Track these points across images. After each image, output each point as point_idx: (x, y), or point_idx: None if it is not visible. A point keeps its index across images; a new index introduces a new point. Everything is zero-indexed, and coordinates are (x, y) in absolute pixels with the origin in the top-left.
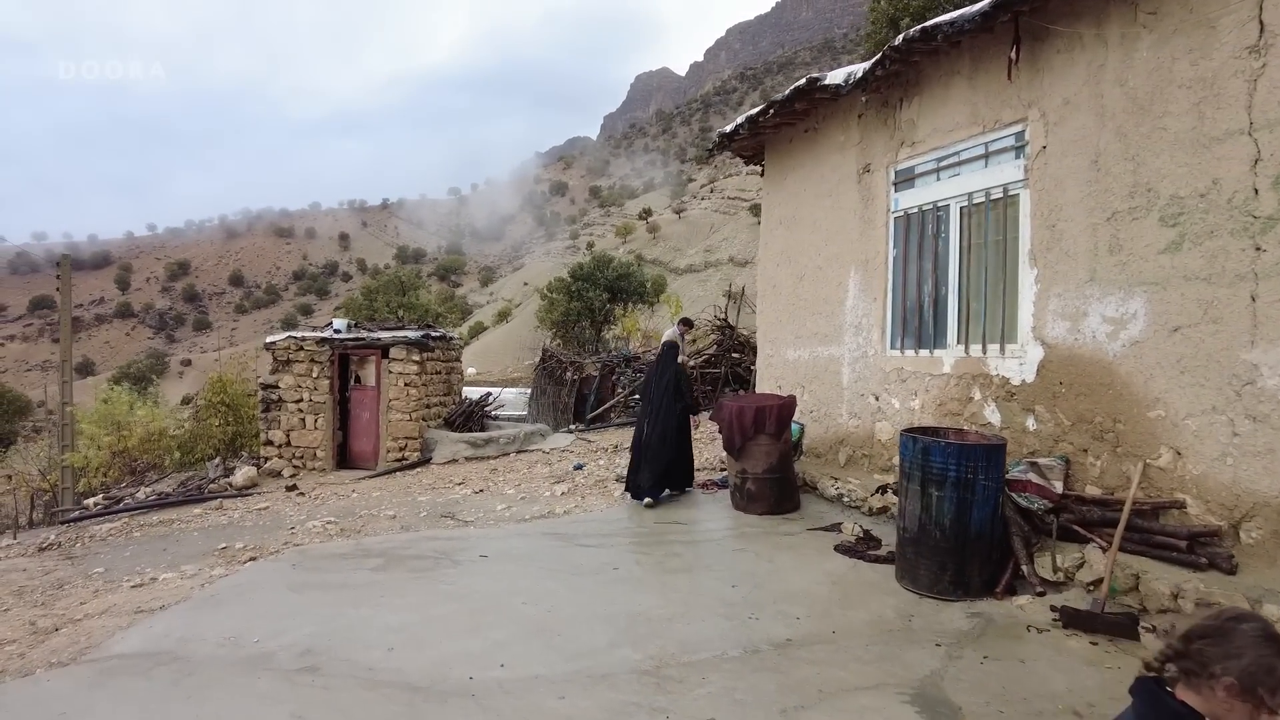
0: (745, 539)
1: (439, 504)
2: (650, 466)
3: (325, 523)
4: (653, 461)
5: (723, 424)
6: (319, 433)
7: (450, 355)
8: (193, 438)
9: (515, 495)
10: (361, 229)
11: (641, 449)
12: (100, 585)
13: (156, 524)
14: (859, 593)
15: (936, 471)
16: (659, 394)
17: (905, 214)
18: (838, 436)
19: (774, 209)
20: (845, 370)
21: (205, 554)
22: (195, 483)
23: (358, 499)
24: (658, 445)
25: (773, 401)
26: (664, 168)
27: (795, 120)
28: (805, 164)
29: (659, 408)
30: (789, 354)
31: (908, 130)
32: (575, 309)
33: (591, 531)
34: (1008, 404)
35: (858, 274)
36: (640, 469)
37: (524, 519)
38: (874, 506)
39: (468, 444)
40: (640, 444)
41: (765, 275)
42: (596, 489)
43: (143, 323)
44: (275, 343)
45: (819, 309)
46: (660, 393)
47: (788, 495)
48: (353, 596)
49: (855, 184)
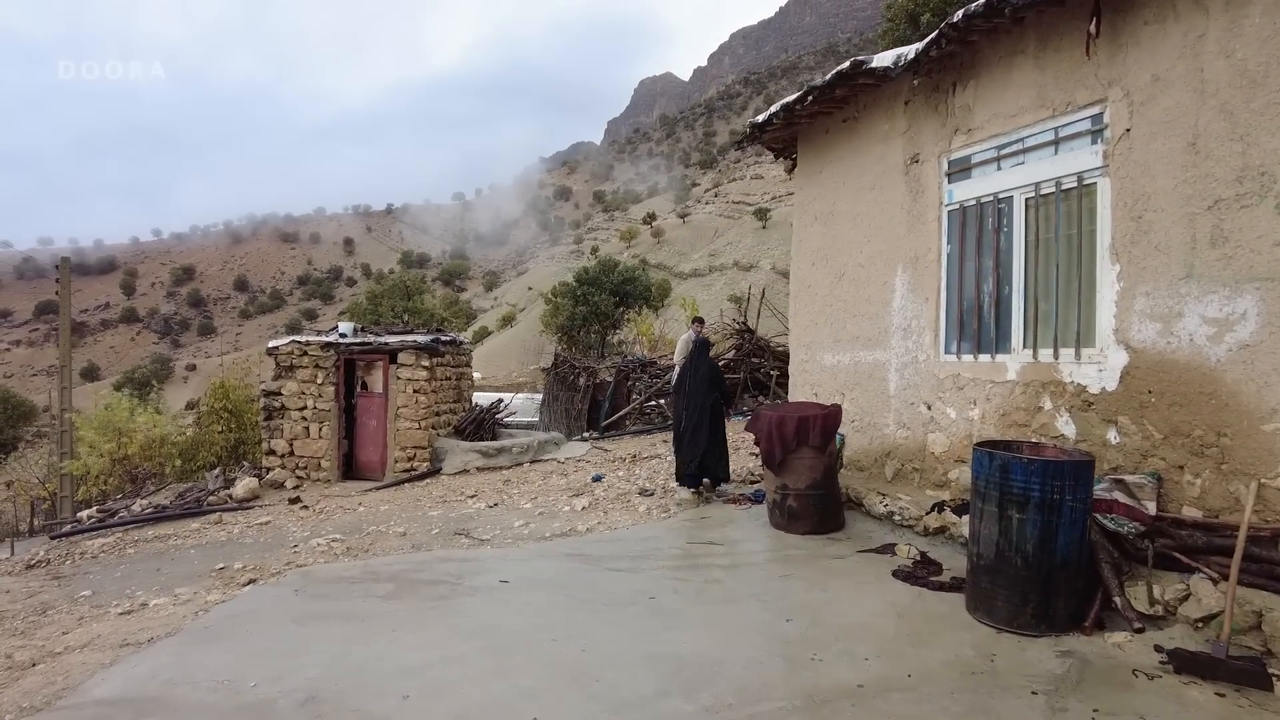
0: (791, 563)
1: (451, 520)
2: (687, 454)
3: (330, 540)
4: (689, 448)
5: (761, 435)
6: (323, 442)
7: (460, 360)
8: (194, 445)
9: (532, 510)
10: (366, 234)
11: (682, 441)
12: (86, 611)
13: (151, 540)
14: (929, 627)
15: (1017, 491)
16: (695, 388)
17: (960, 207)
18: (884, 448)
19: (808, 204)
20: (892, 377)
21: (201, 575)
22: (193, 495)
23: (364, 513)
24: (692, 433)
25: (816, 411)
26: (668, 172)
27: (832, 109)
28: (844, 156)
29: (696, 401)
30: (826, 359)
31: (962, 117)
32: (581, 313)
33: (620, 553)
34: (1084, 414)
35: (905, 272)
36: (683, 460)
37: (544, 537)
38: (930, 526)
39: (479, 454)
40: (680, 437)
41: (799, 275)
42: (619, 503)
43: (147, 328)
44: (278, 348)
45: (861, 310)
46: (696, 386)
47: (832, 513)
48: (362, 630)
49: (902, 176)
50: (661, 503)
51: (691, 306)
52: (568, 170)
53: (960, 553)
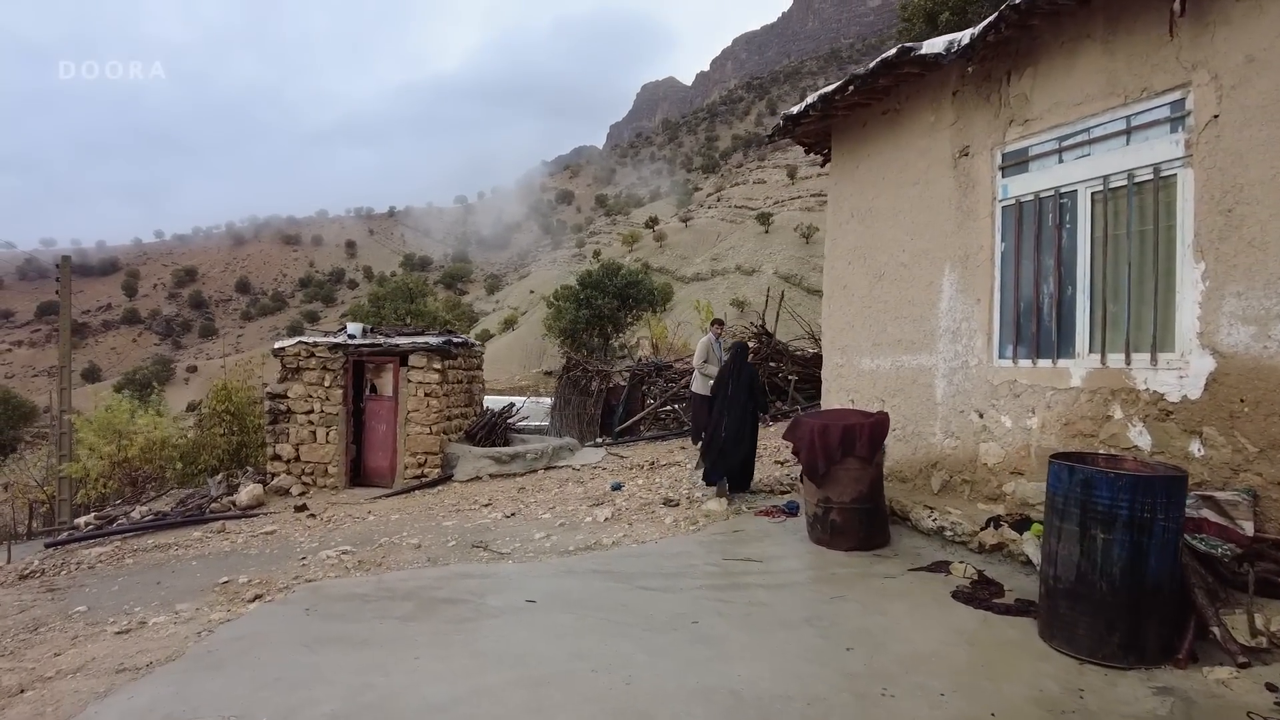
0: (838, 583)
1: (468, 531)
2: (726, 460)
3: (340, 552)
4: (730, 455)
5: (801, 445)
6: (331, 447)
7: (472, 363)
8: (196, 448)
9: (552, 521)
10: (368, 236)
11: (715, 443)
12: (80, 629)
13: (151, 549)
14: (1003, 656)
15: (1103, 509)
16: (737, 392)
17: (1016, 202)
18: (929, 459)
19: (843, 201)
20: (939, 383)
21: (204, 589)
22: (195, 501)
23: (375, 522)
24: (734, 442)
25: (861, 419)
26: (670, 176)
27: (871, 100)
28: (884, 149)
29: (737, 409)
30: (864, 363)
31: (1018, 106)
32: (584, 317)
33: (651, 570)
34: (1161, 425)
35: (954, 272)
36: (717, 462)
37: (568, 551)
38: (986, 543)
39: (492, 460)
40: (714, 439)
41: (833, 275)
42: (643, 514)
43: (149, 329)
44: (284, 349)
45: (903, 312)
46: (737, 390)
47: (879, 529)
48: (380, 658)
49: (949, 170)
50: (688, 514)
51: (706, 310)
52: (570, 174)
53: (1020, 572)
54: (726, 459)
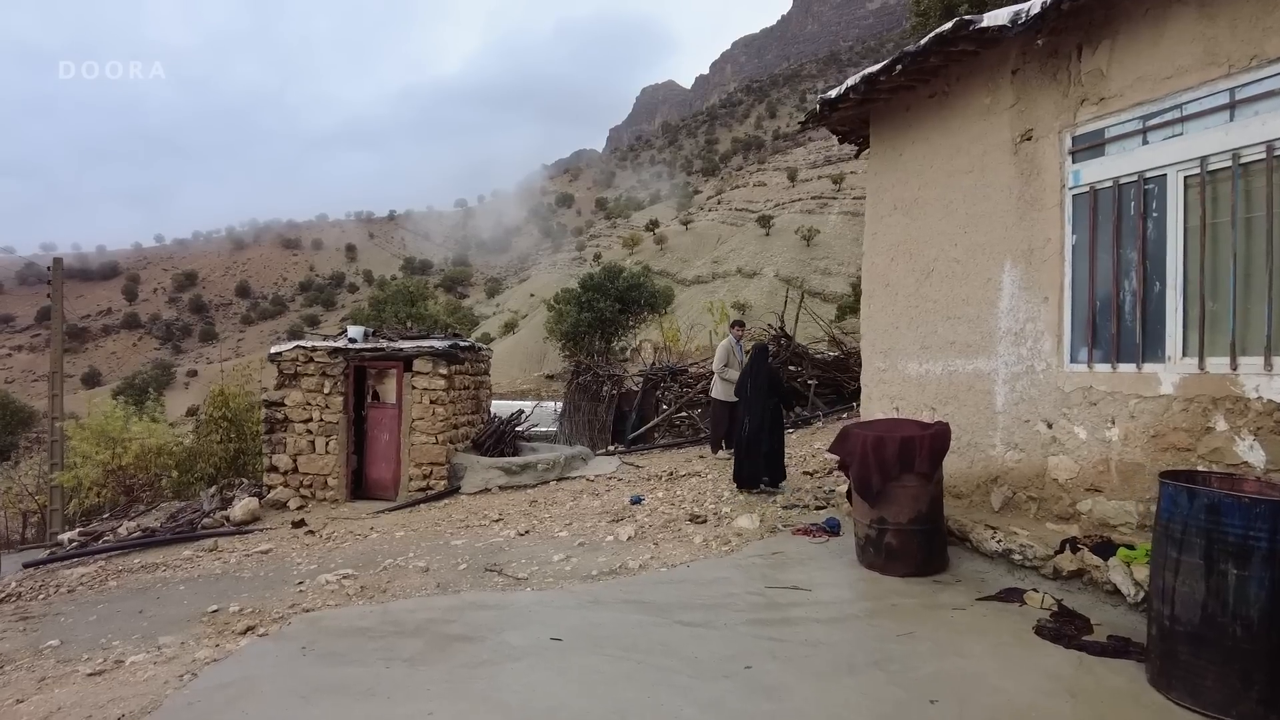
0: (902, 616)
1: (479, 551)
2: (750, 459)
3: (341, 577)
4: (752, 452)
5: (852, 459)
6: (331, 457)
7: (479, 368)
8: (192, 455)
9: (570, 540)
10: (368, 240)
11: (743, 444)
12: (50, 668)
13: (138, 569)
14: (1116, 711)
15: (1234, 540)
16: (755, 392)
17: (1091, 190)
18: (988, 473)
19: (884, 192)
20: (999, 389)
21: (190, 619)
22: (186, 516)
23: (378, 540)
24: (754, 438)
25: (918, 430)
26: (670, 179)
27: (916, 82)
28: (931, 136)
29: (756, 404)
30: (911, 368)
31: (1092, 84)
32: (585, 320)
33: (689, 600)
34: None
35: (1016, 268)
36: (745, 461)
37: (591, 576)
38: (1062, 569)
39: (502, 471)
40: (738, 439)
41: (874, 272)
42: (668, 532)
43: (149, 333)
44: (281, 354)
45: (956, 312)
46: (756, 390)
47: (938, 552)
48: (387, 713)
49: (1009, 156)
50: (719, 533)
51: (721, 311)
52: (570, 177)
53: (1105, 602)
54: (751, 458)
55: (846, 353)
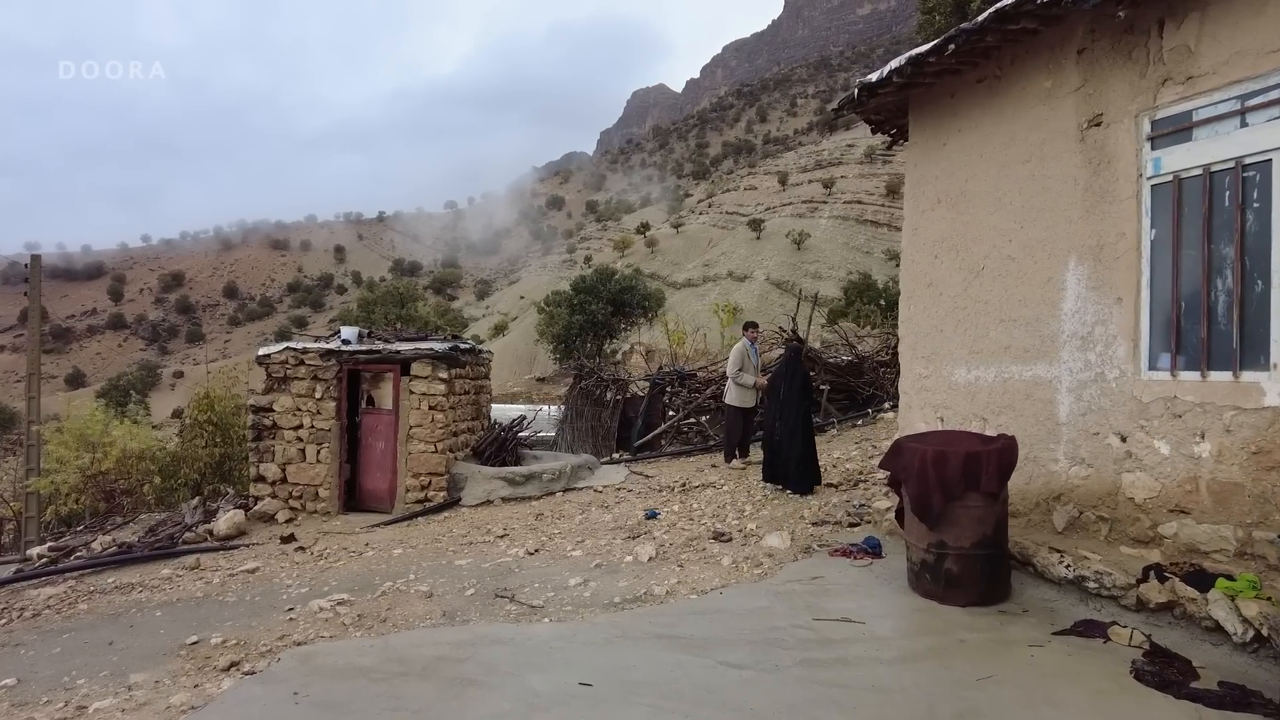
0: (974, 655)
1: (486, 573)
2: (780, 461)
3: (335, 602)
4: (784, 455)
5: (908, 476)
6: (322, 467)
7: (480, 371)
8: (175, 461)
9: (585, 560)
10: (357, 241)
11: (768, 445)
12: (3, 714)
13: (111, 590)
14: None
15: None
16: (790, 394)
17: (1175, 179)
18: (1049, 489)
19: (926, 184)
20: (1062, 398)
21: (167, 652)
22: (166, 530)
23: (375, 559)
24: (787, 442)
25: (980, 445)
26: (660, 183)
27: (963, 66)
28: (981, 123)
29: (790, 407)
30: (958, 374)
31: (1176, 61)
32: (577, 322)
33: (728, 634)
34: None
35: (1082, 265)
36: (776, 462)
37: (614, 604)
38: (1149, 600)
39: (505, 481)
40: (769, 441)
41: (914, 270)
42: (692, 552)
43: (135, 334)
44: (270, 356)
45: (1011, 314)
46: (790, 393)
47: (1002, 579)
48: None
49: (1074, 144)
50: (748, 553)
51: (728, 312)
52: (560, 180)
53: (1204, 640)
54: (781, 460)
55: (860, 356)
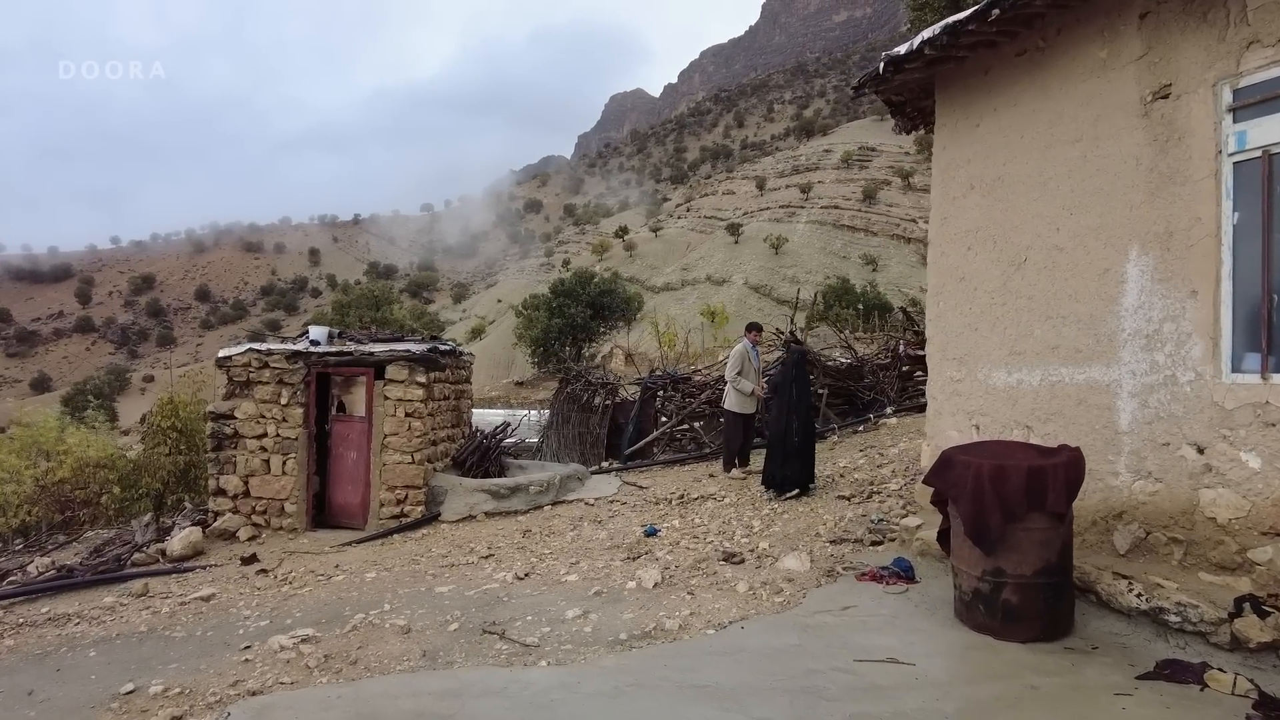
0: (1050, 704)
1: (471, 602)
2: (792, 462)
3: (298, 639)
4: (802, 456)
5: (961, 493)
6: (289, 479)
7: (460, 375)
8: (137, 470)
9: (582, 586)
10: (332, 244)
11: (785, 445)
12: None
13: (44, 621)
14: None
15: None
16: (800, 399)
17: (1264, 154)
18: (1108, 506)
19: (957, 169)
20: (1123, 404)
21: (97, 705)
22: (114, 550)
23: (345, 583)
24: (805, 443)
25: (1043, 458)
26: (639, 187)
27: (1000, 39)
28: (1021, 100)
29: (802, 414)
30: (997, 378)
31: (1265, 20)
32: (557, 326)
33: (759, 681)
34: None
35: (1146, 255)
36: (785, 463)
37: (620, 641)
38: (1248, 639)
39: (488, 494)
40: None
41: (945, 264)
42: (702, 576)
43: (104, 337)
44: (231, 358)
45: (1061, 310)
46: (800, 397)
47: (1066, 611)
48: None
49: (1136, 119)
50: (765, 577)
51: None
52: (538, 183)
53: None
54: (792, 464)
55: (860, 359)
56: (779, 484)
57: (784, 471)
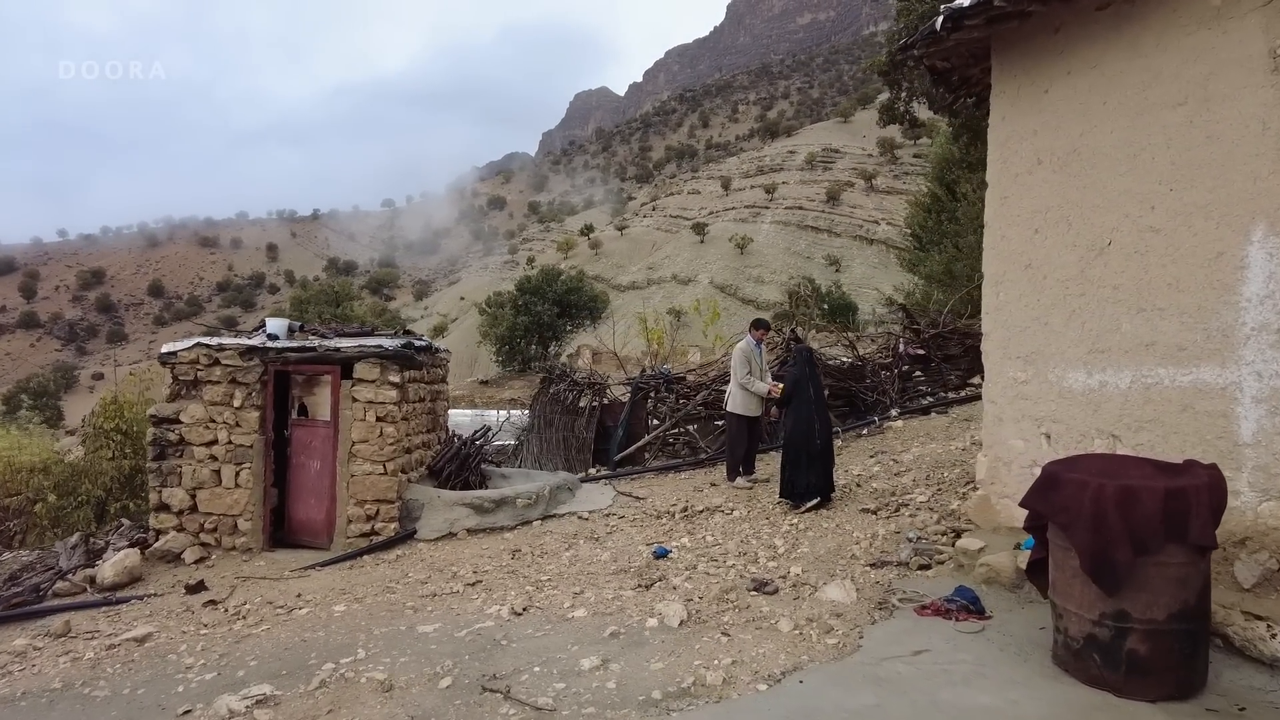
0: None
1: (463, 646)
2: (815, 468)
3: (252, 701)
4: (824, 462)
5: (1072, 520)
6: (242, 492)
7: (437, 375)
8: (75, 476)
9: (592, 624)
10: (290, 240)
11: (808, 449)
12: None
13: None
14: None
15: None
16: (818, 399)
17: None
18: (1227, 532)
19: (1019, 142)
20: (1245, 412)
21: None
22: (32, 578)
23: (309, 620)
24: (825, 447)
25: (1169, 478)
26: (604, 185)
27: None
28: (1101, 61)
29: (822, 415)
30: (1073, 379)
31: None
32: (522, 324)
33: None
34: None
35: (1276, 235)
36: (809, 469)
37: (654, 702)
38: None
39: (470, 509)
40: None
41: (1005, 249)
42: (733, 610)
43: (49, 334)
44: (177, 354)
45: (1157, 301)
46: (818, 398)
47: (1202, 663)
48: None
49: (1262, 75)
50: (809, 612)
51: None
52: (502, 180)
53: None
54: (816, 467)
55: (862, 359)
56: (800, 493)
57: (807, 479)
